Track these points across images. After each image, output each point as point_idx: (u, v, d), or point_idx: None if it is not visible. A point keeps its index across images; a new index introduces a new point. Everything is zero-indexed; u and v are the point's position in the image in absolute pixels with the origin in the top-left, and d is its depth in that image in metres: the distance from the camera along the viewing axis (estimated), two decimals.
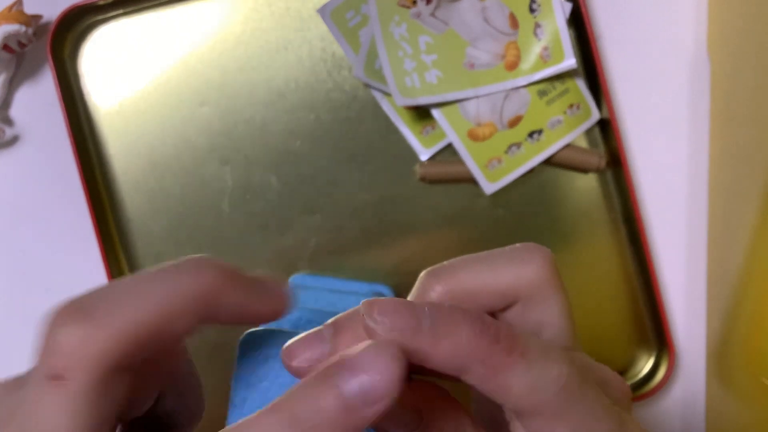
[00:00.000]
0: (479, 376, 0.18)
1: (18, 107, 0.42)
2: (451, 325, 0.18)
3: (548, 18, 0.40)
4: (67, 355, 0.16)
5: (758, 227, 0.34)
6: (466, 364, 0.18)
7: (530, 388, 0.19)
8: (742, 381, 0.37)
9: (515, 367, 0.18)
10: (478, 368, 0.18)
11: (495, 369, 0.18)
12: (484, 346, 0.18)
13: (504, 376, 0.18)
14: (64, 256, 0.42)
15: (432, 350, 0.18)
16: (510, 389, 0.18)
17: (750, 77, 0.36)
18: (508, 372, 0.18)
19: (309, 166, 0.41)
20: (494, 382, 0.18)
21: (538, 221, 0.42)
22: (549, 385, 0.19)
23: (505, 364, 0.18)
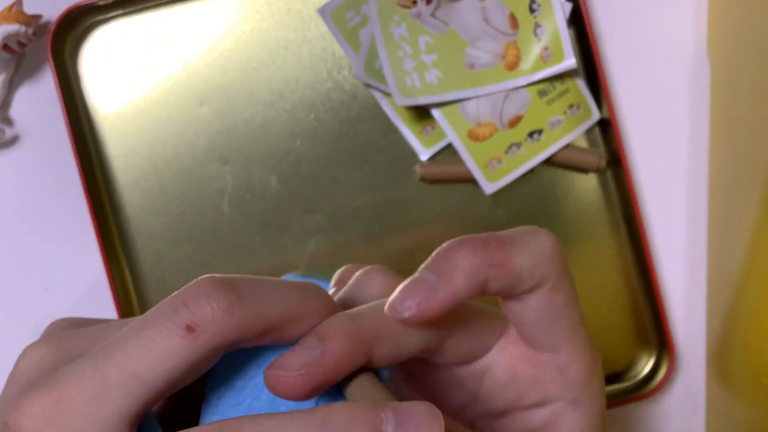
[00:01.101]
0: (495, 277, 0.21)
1: (18, 107, 0.42)
2: (449, 261, 0.20)
3: (548, 18, 0.40)
4: (208, 316, 0.17)
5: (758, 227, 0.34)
6: (483, 277, 0.20)
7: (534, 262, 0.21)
8: (742, 381, 0.37)
9: (513, 250, 0.21)
10: (492, 272, 0.20)
11: (503, 262, 0.20)
12: (483, 252, 0.20)
13: (511, 264, 0.21)
14: (64, 256, 0.42)
15: (454, 290, 0.20)
16: (520, 271, 0.21)
17: (750, 77, 0.36)
18: (513, 258, 0.21)
19: (309, 166, 0.41)
20: (504, 269, 0.20)
21: (538, 221, 0.42)
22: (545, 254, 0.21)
23: (506, 252, 0.21)
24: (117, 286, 0.40)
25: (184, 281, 0.44)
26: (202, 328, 0.17)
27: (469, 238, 0.21)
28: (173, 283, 0.41)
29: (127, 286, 0.41)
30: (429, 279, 0.20)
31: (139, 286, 0.41)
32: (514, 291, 0.21)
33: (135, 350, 0.17)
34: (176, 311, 0.17)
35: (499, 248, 0.21)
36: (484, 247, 0.21)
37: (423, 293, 0.20)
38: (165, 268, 0.41)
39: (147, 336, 0.17)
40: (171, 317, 0.17)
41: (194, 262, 0.41)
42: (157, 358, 0.17)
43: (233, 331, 0.18)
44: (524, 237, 0.22)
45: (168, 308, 0.18)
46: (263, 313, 0.18)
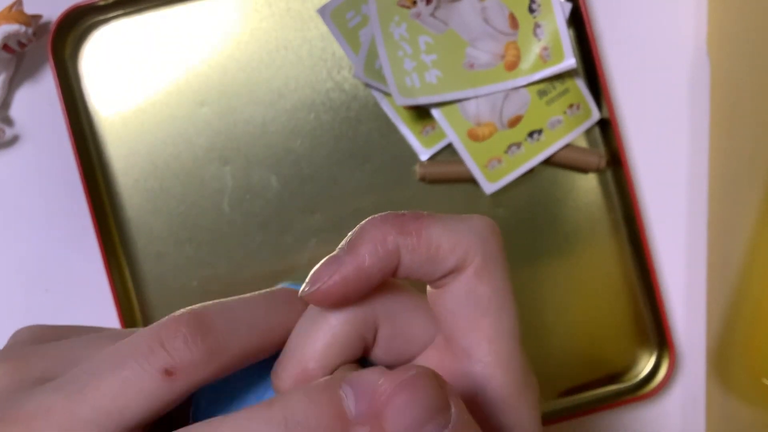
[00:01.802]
0: (408, 247, 0.19)
1: (18, 107, 0.42)
2: (361, 232, 0.19)
3: (548, 18, 0.40)
4: (186, 360, 0.17)
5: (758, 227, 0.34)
6: (393, 245, 0.19)
7: (457, 238, 0.19)
8: (742, 381, 0.37)
9: (432, 223, 0.19)
10: (405, 241, 0.19)
11: (418, 232, 0.19)
12: (395, 221, 0.19)
13: (427, 233, 0.19)
14: (64, 256, 0.42)
15: (360, 260, 0.19)
16: (438, 243, 0.19)
17: (750, 77, 0.36)
18: (429, 229, 0.19)
19: (309, 166, 0.41)
20: (422, 245, 0.19)
21: (538, 221, 0.42)
22: (474, 232, 0.19)
23: (420, 222, 0.19)
24: (117, 286, 0.40)
25: (184, 281, 0.44)
26: (180, 372, 0.17)
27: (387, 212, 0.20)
28: (173, 283, 0.41)
29: (127, 286, 0.41)
30: (339, 253, 0.19)
31: (139, 286, 0.41)
32: (433, 271, 0.19)
33: (110, 388, 0.17)
34: (153, 352, 0.17)
35: (414, 219, 0.19)
36: (396, 216, 0.19)
37: (332, 267, 0.19)
38: (165, 268, 0.41)
39: (123, 375, 0.17)
40: (148, 358, 0.17)
41: (194, 262, 0.41)
42: (132, 398, 0.17)
43: (212, 373, 0.18)
44: (451, 215, 0.20)
45: (145, 347, 0.17)
46: (241, 348, 0.18)
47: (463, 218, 0.20)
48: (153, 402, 0.17)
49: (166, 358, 0.17)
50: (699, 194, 0.42)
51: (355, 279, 0.19)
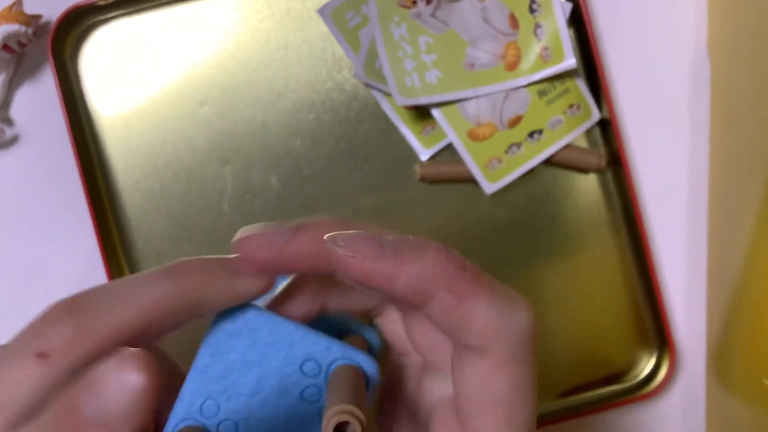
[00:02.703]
0: (443, 303, 0.18)
1: (18, 107, 0.42)
2: (416, 250, 0.19)
3: (548, 18, 0.40)
4: (56, 340, 0.18)
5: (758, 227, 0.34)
6: (431, 288, 0.18)
7: (493, 324, 0.18)
8: (742, 381, 0.37)
9: (481, 296, 0.18)
10: (444, 295, 0.18)
11: (461, 296, 0.18)
12: (450, 271, 0.18)
13: (469, 306, 0.18)
14: (64, 256, 0.42)
15: (395, 272, 0.18)
16: (473, 321, 0.18)
17: (750, 77, 0.36)
18: (474, 301, 0.18)
19: (309, 166, 0.41)
20: (458, 311, 0.18)
21: (538, 221, 0.42)
22: (512, 327, 0.19)
23: (472, 292, 0.18)
24: None
25: None
26: (53, 353, 0.18)
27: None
28: None
29: None
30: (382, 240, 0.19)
31: None
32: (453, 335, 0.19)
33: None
34: (28, 341, 0.18)
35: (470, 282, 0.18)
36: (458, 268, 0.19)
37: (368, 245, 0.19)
38: None
39: (6, 367, 0.18)
40: (24, 347, 0.18)
41: None
42: (14, 387, 0.18)
43: (88, 349, 0.18)
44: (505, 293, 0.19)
45: (22, 339, 0.19)
46: (117, 322, 0.19)
47: (514, 304, 0.19)
48: (34, 386, 0.18)
49: (38, 343, 0.18)
50: (699, 194, 0.42)
51: (380, 283, 0.19)
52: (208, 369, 0.21)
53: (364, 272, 0.18)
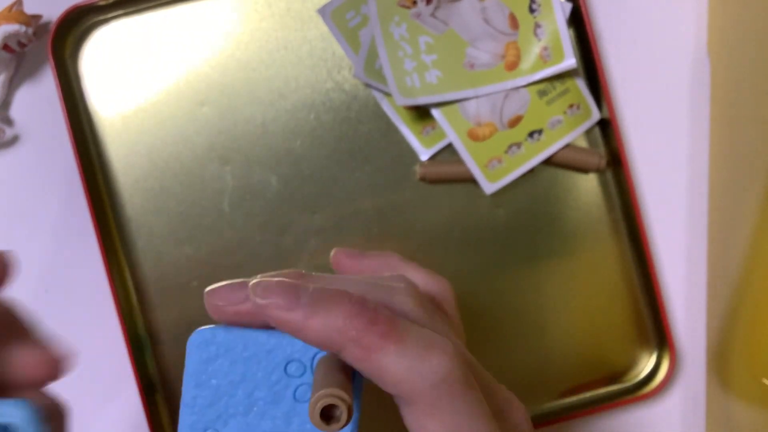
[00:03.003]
0: (354, 355, 0.19)
1: (18, 107, 0.42)
2: (329, 303, 0.19)
3: (548, 18, 0.40)
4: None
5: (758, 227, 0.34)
6: (339, 341, 0.19)
7: (405, 375, 0.19)
8: (742, 381, 0.37)
9: (388, 350, 0.19)
10: (352, 348, 0.19)
11: (368, 350, 0.19)
12: (358, 325, 0.19)
13: (377, 358, 0.19)
14: (65, 256, 0.42)
15: (303, 325, 0.19)
16: (385, 372, 0.19)
17: (750, 77, 0.36)
18: (380, 354, 0.19)
19: (309, 166, 0.41)
20: (369, 363, 0.19)
21: (538, 221, 0.42)
22: (425, 375, 0.19)
23: (379, 346, 0.19)
24: (117, 286, 0.40)
25: (184, 281, 0.44)
26: None
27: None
28: (173, 283, 0.41)
29: (127, 286, 0.41)
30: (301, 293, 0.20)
31: (139, 286, 0.41)
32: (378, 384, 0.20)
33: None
34: None
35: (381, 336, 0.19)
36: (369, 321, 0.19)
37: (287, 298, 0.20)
38: (165, 268, 0.41)
39: None
40: None
41: (194, 262, 0.41)
42: None
43: None
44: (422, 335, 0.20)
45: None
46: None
47: (426, 351, 0.19)
48: None
49: None
50: (699, 194, 0.42)
51: (292, 329, 0.20)
52: (197, 401, 0.21)
53: (276, 321, 0.20)
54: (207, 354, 0.21)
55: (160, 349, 0.41)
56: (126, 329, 0.40)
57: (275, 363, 0.21)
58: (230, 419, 0.21)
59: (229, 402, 0.21)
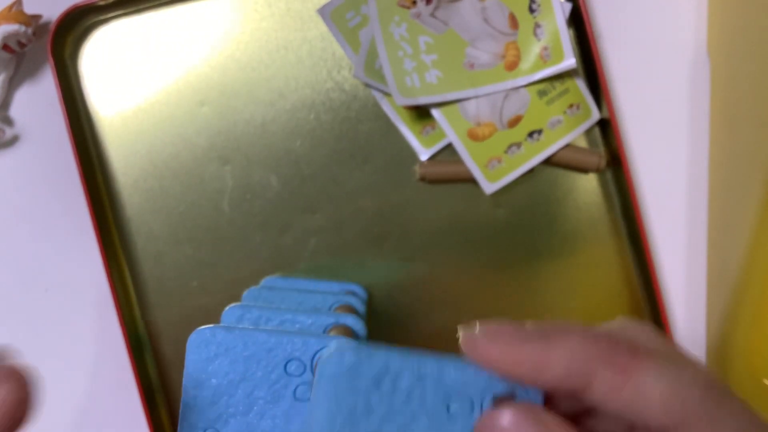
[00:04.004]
0: (608, 384, 0.16)
1: (18, 107, 0.42)
2: (563, 333, 0.17)
3: (548, 18, 0.40)
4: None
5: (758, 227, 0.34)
6: (590, 368, 0.16)
7: (672, 392, 0.16)
8: (742, 381, 0.37)
9: (648, 366, 0.16)
10: (605, 373, 0.16)
11: (625, 371, 0.16)
12: (603, 346, 0.16)
13: (638, 380, 0.16)
14: (64, 256, 0.42)
15: (545, 356, 0.16)
16: (648, 397, 0.16)
17: (750, 77, 0.36)
18: (641, 374, 0.16)
19: (309, 166, 0.41)
20: (628, 390, 0.16)
21: (538, 221, 0.42)
22: (692, 388, 0.16)
23: (635, 364, 0.16)
24: (117, 286, 0.40)
25: (184, 281, 0.44)
26: None
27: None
28: (173, 283, 0.41)
29: (127, 286, 0.41)
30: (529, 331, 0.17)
31: (139, 286, 0.41)
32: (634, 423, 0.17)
33: None
34: None
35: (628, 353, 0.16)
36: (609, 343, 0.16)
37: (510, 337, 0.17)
38: (165, 268, 0.41)
39: None
40: None
41: (194, 262, 0.41)
42: None
43: None
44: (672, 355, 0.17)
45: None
46: None
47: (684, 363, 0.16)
48: None
49: None
50: (699, 194, 0.42)
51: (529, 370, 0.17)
52: (197, 401, 0.21)
53: (508, 360, 0.17)
54: (207, 353, 0.21)
55: (160, 349, 0.41)
56: (126, 329, 0.40)
57: (275, 362, 0.21)
58: (230, 418, 0.21)
59: (229, 402, 0.21)
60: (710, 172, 0.41)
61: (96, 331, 0.42)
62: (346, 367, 0.18)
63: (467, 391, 0.18)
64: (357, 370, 0.18)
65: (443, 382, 0.18)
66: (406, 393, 0.18)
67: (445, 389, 0.18)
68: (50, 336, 0.42)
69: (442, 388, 0.18)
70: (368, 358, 0.18)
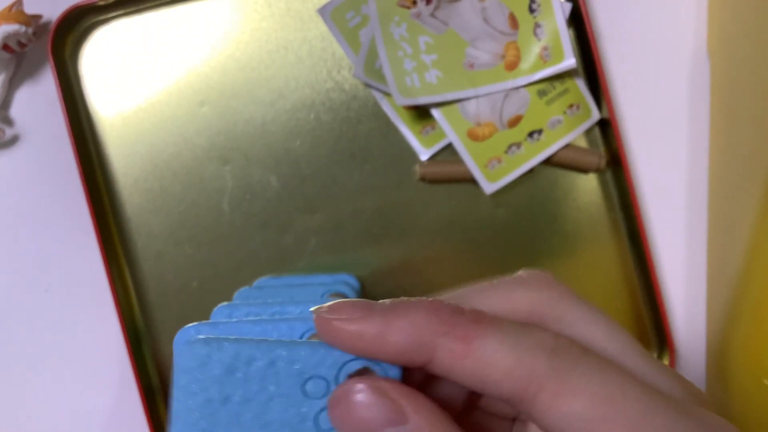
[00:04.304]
0: (451, 354, 0.16)
1: (18, 107, 0.42)
2: (405, 307, 0.17)
3: (548, 18, 0.40)
4: None
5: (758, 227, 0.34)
6: (430, 342, 0.16)
7: (516, 358, 0.16)
8: (742, 381, 0.37)
9: (488, 334, 0.16)
10: (447, 344, 0.16)
11: (466, 340, 0.16)
12: (445, 317, 0.16)
13: (479, 347, 0.16)
14: (64, 256, 0.42)
15: (385, 329, 0.16)
16: (492, 364, 0.16)
17: (750, 77, 0.36)
18: (483, 341, 0.16)
19: (309, 166, 0.41)
20: (471, 358, 0.16)
21: (538, 221, 0.42)
22: (537, 352, 0.16)
23: (476, 333, 0.16)
24: (117, 286, 0.40)
25: (184, 281, 0.44)
26: None
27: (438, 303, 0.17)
28: (173, 283, 0.41)
29: (127, 286, 0.41)
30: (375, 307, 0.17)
31: (139, 286, 0.41)
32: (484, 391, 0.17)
33: None
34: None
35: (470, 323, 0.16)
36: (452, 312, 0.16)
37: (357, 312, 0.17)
38: (165, 268, 0.41)
39: None
40: None
41: (194, 262, 0.41)
42: None
43: None
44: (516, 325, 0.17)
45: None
46: None
47: (527, 327, 0.17)
48: None
49: None
50: (699, 194, 0.42)
51: (371, 342, 0.17)
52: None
53: (352, 335, 0.17)
54: (200, 359, 0.18)
55: (159, 349, 0.41)
56: (126, 329, 0.40)
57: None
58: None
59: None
60: (710, 172, 0.41)
61: (96, 331, 0.42)
62: (198, 359, 0.18)
63: (321, 370, 0.18)
64: (208, 360, 0.18)
65: (296, 363, 0.18)
66: (260, 378, 0.18)
67: (299, 371, 0.18)
68: (50, 336, 0.42)
69: (296, 370, 0.18)
70: (218, 348, 0.18)
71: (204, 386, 0.18)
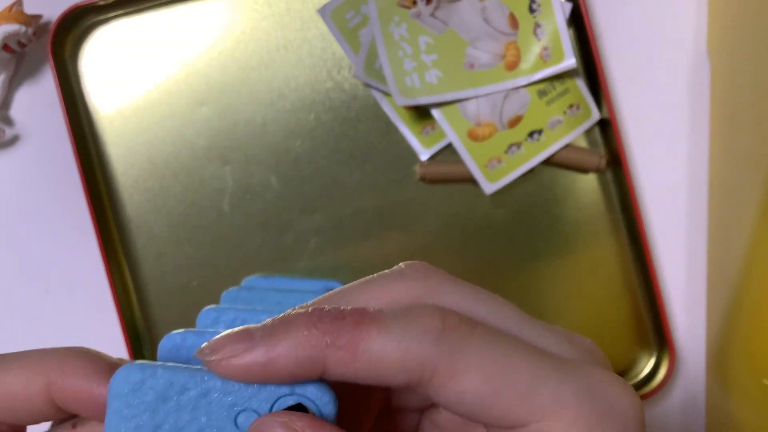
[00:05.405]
0: (340, 362, 0.16)
1: (18, 107, 0.42)
2: (285, 324, 0.17)
3: (548, 18, 0.40)
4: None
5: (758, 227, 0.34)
6: (318, 356, 0.16)
7: (403, 350, 0.16)
8: (742, 381, 0.37)
9: (370, 333, 0.16)
10: (334, 354, 0.16)
11: (351, 346, 0.16)
12: (327, 327, 0.16)
13: (364, 349, 0.16)
14: (64, 256, 0.42)
15: (273, 354, 0.16)
16: (380, 360, 0.16)
17: (750, 77, 0.36)
18: (365, 343, 0.16)
19: (309, 166, 0.41)
20: (358, 360, 0.16)
21: (538, 221, 0.42)
22: (422, 338, 0.16)
23: (358, 335, 0.16)
24: (117, 286, 0.40)
25: (184, 281, 0.44)
26: None
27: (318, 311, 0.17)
28: (173, 283, 0.41)
29: (127, 286, 0.41)
30: (255, 333, 0.17)
31: (139, 286, 0.41)
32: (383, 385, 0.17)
33: None
34: None
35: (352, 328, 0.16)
36: (332, 320, 0.17)
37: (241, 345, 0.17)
38: (165, 268, 0.41)
39: None
40: None
41: (194, 262, 0.41)
42: None
43: None
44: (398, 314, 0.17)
45: None
46: None
47: (411, 315, 0.17)
48: None
49: None
50: (699, 194, 0.42)
51: (261, 370, 0.17)
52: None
53: (241, 369, 0.17)
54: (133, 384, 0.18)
55: None
56: (126, 329, 0.40)
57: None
58: None
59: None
60: (710, 172, 0.41)
61: (96, 331, 0.42)
62: (131, 384, 0.18)
63: (253, 404, 0.18)
64: (141, 387, 0.18)
65: (230, 395, 0.18)
66: (192, 408, 0.18)
67: (232, 403, 0.18)
68: (50, 336, 0.42)
69: (229, 402, 0.18)
70: (152, 374, 0.18)
71: (136, 412, 0.18)
